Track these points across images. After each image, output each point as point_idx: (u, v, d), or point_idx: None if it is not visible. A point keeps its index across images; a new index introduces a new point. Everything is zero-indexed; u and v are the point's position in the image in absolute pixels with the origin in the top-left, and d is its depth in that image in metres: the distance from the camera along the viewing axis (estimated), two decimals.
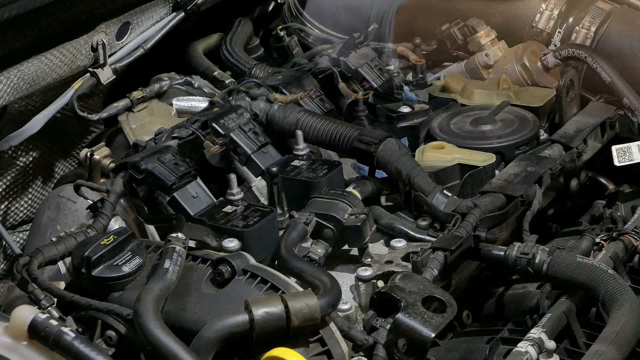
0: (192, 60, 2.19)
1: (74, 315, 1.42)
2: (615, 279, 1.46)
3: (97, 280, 1.43)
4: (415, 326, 1.36)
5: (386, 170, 1.70)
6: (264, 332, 1.30)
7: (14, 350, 1.23)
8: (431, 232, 1.62)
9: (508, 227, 1.69)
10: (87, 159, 1.76)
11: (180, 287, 1.40)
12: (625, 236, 1.67)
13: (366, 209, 1.60)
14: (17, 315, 1.24)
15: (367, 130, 1.75)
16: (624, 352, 1.37)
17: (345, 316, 1.44)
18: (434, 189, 1.65)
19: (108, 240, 1.45)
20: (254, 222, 1.52)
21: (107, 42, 1.92)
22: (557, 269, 1.51)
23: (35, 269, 1.45)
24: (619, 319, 1.39)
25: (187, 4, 2.08)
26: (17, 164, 1.97)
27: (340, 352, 1.35)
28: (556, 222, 1.87)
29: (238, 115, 1.77)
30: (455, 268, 1.60)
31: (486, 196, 1.66)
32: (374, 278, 1.51)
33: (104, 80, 1.94)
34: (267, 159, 1.72)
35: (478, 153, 1.77)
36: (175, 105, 1.97)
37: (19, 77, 1.76)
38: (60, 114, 1.94)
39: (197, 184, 1.62)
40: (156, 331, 1.27)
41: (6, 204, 1.98)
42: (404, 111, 1.90)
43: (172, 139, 1.69)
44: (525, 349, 1.36)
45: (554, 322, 1.45)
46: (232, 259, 1.42)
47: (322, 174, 1.66)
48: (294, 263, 1.44)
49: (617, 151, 1.75)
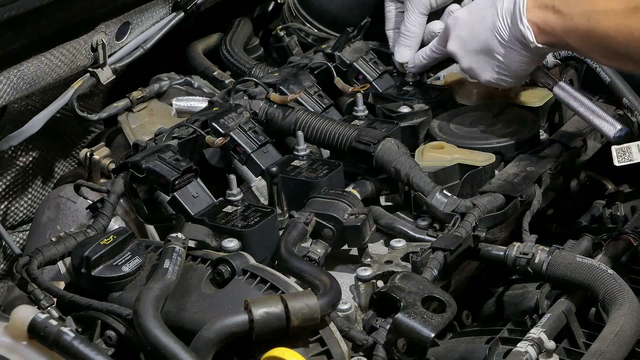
0: (191, 60, 2.19)
1: (74, 315, 1.42)
2: (615, 279, 1.46)
3: (97, 280, 1.43)
4: (415, 326, 1.36)
5: (385, 170, 1.70)
6: (263, 332, 1.30)
7: (13, 350, 1.23)
8: (431, 232, 1.62)
9: (508, 227, 1.70)
10: (86, 159, 1.76)
11: (179, 287, 1.40)
12: (625, 236, 1.68)
13: (366, 209, 1.60)
14: (17, 315, 1.24)
15: (366, 131, 1.75)
16: (623, 352, 1.37)
17: (345, 316, 1.44)
18: (434, 189, 1.65)
19: (108, 240, 1.45)
20: (255, 222, 1.52)
21: (107, 42, 1.92)
22: (557, 269, 1.51)
23: (35, 269, 1.45)
24: (619, 319, 1.39)
25: (187, 4, 2.08)
26: (17, 164, 1.97)
27: (340, 352, 1.35)
28: (556, 222, 1.87)
29: (238, 115, 1.77)
30: (455, 268, 1.60)
31: (486, 196, 1.66)
32: (374, 278, 1.51)
33: (104, 80, 1.94)
34: (267, 159, 1.73)
35: (478, 153, 1.77)
36: (175, 105, 1.97)
37: (19, 77, 1.76)
38: (60, 114, 1.94)
39: (198, 184, 1.62)
40: (156, 331, 1.27)
41: (6, 204, 1.98)
42: (404, 111, 1.89)
43: (172, 139, 1.69)
44: (525, 349, 1.36)
45: (554, 322, 1.45)
46: (232, 259, 1.42)
47: (322, 174, 1.66)
48: (294, 263, 1.44)
49: (617, 151, 1.75)
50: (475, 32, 1.77)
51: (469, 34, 1.79)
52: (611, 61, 1.68)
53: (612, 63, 1.73)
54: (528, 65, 1.75)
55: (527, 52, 1.72)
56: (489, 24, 1.74)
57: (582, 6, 1.62)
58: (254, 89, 1.88)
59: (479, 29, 1.76)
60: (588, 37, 1.62)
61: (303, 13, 2.23)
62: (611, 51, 1.61)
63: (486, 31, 1.75)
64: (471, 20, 1.79)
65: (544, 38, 1.68)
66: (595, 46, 1.63)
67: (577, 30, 1.63)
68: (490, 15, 1.74)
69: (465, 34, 1.80)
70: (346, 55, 2.01)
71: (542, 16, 1.67)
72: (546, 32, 1.67)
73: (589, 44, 1.63)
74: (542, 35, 1.68)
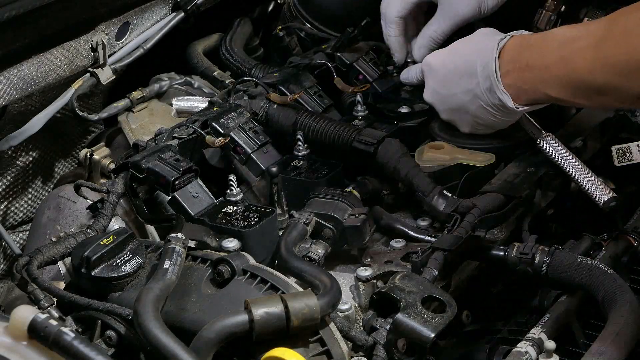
0: (191, 60, 2.19)
1: (74, 315, 1.42)
2: (615, 279, 1.46)
3: (97, 280, 1.43)
4: (415, 326, 1.36)
5: (385, 170, 1.70)
6: (263, 332, 1.30)
7: (13, 350, 1.23)
8: (431, 232, 1.62)
9: (508, 228, 1.70)
10: (86, 159, 1.76)
11: (180, 287, 1.40)
12: (625, 236, 1.68)
13: (366, 209, 1.60)
14: (17, 315, 1.24)
15: (366, 131, 1.75)
16: (623, 352, 1.37)
17: (345, 316, 1.44)
18: (434, 189, 1.65)
19: (108, 241, 1.45)
20: (255, 223, 1.52)
21: (107, 42, 1.92)
22: (557, 269, 1.51)
23: (35, 269, 1.45)
24: (619, 319, 1.39)
25: (187, 4, 2.08)
26: (17, 164, 1.97)
27: (340, 352, 1.35)
28: (556, 222, 1.87)
29: (238, 115, 1.77)
30: (455, 268, 1.60)
31: (486, 196, 1.66)
32: (374, 278, 1.51)
33: (104, 80, 1.93)
34: (267, 159, 1.73)
35: (478, 153, 1.77)
36: (175, 105, 1.97)
37: (19, 77, 1.76)
38: (60, 114, 1.94)
39: (198, 184, 1.62)
40: (156, 331, 1.27)
41: (6, 204, 1.98)
42: (404, 111, 1.89)
43: (172, 139, 1.69)
44: (525, 349, 1.36)
45: (554, 322, 1.45)
46: (232, 259, 1.42)
47: (322, 174, 1.66)
48: (294, 263, 1.44)
49: (617, 151, 1.74)
50: (452, 91, 1.76)
51: (445, 91, 1.77)
52: (594, 102, 1.67)
53: (594, 103, 1.72)
54: (509, 122, 1.75)
55: (507, 114, 1.72)
56: (465, 88, 1.72)
57: (555, 54, 1.61)
58: (254, 89, 1.88)
59: (455, 90, 1.75)
60: (567, 82, 1.61)
61: (303, 13, 2.23)
62: (593, 89, 1.59)
63: (463, 94, 1.73)
64: (446, 77, 1.77)
65: (523, 98, 1.68)
66: (576, 90, 1.61)
67: (555, 79, 1.62)
68: (467, 79, 1.72)
69: (441, 89, 1.78)
70: (346, 55, 2.01)
71: (518, 77, 1.66)
72: (525, 91, 1.67)
73: (569, 89, 1.62)
74: (521, 96, 1.68)
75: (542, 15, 2.07)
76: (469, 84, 1.72)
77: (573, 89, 1.61)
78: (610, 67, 1.54)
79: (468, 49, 1.75)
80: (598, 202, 1.70)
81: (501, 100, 1.68)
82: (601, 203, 1.69)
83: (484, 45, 1.71)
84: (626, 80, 1.54)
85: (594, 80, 1.57)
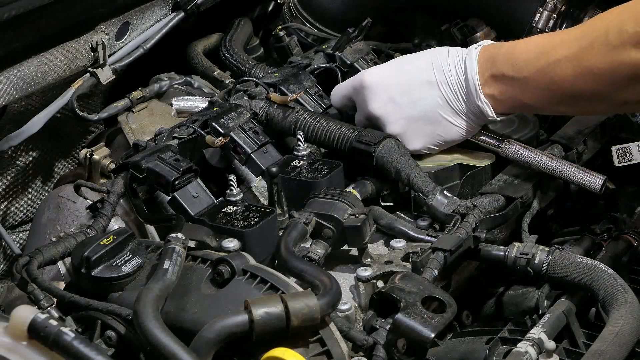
0: (191, 60, 2.19)
1: (74, 315, 1.42)
2: (615, 279, 1.46)
3: (97, 281, 1.43)
4: (415, 326, 1.36)
5: (385, 170, 1.70)
6: (263, 332, 1.30)
7: (13, 350, 1.23)
8: (431, 232, 1.62)
9: (508, 228, 1.70)
10: (86, 159, 1.76)
11: (179, 287, 1.40)
12: (625, 236, 1.68)
13: (366, 209, 1.60)
14: (17, 315, 1.24)
15: (367, 131, 1.75)
16: (623, 352, 1.37)
17: (345, 316, 1.44)
18: (434, 189, 1.65)
19: (108, 241, 1.45)
20: (255, 223, 1.52)
21: (107, 42, 1.92)
22: (557, 269, 1.51)
23: (35, 269, 1.45)
24: (619, 319, 1.39)
25: (187, 4, 2.08)
26: (17, 164, 1.97)
27: (340, 353, 1.35)
28: (556, 222, 1.87)
29: (238, 115, 1.77)
30: (455, 268, 1.60)
31: (486, 197, 1.66)
32: (374, 278, 1.51)
33: (104, 80, 1.94)
34: (267, 159, 1.72)
35: (478, 153, 1.77)
36: (175, 105, 1.97)
37: (19, 77, 1.76)
38: (60, 114, 1.94)
39: (198, 184, 1.62)
40: (156, 331, 1.27)
41: (6, 204, 1.98)
42: None
43: (172, 139, 1.69)
44: (525, 349, 1.36)
45: (554, 322, 1.45)
46: (232, 259, 1.42)
47: (322, 174, 1.66)
48: (294, 263, 1.44)
49: (617, 151, 1.75)
50: (413, 97, 1.71)
51: (405, 100, 1.72)
52: (576, 109, 1.66)
53: (577, 110, 1.71)
54: (470, 133, 1.74)
55: (479, 123, 1.71)
56: (435, 95, 1.70)
57: (534, 65, 1.60)
58: (254, 89, 1.88)
59: (418, 96, 1.71)
60: (548, 92, 1.60)
61: (303, 13, 2.23)
62: (575, 97, 1.59)
63: (431, 100, 1.70)
64: (403, 85, 1.72)
65: (503, 108, 1.67)
66: (557, 98, 1.61)
67: (535, 89, 1.61)
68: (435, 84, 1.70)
69: (399, 98, 1.72)
70: (347, 55, 2.01)
71: (497, 87, 1.65)
72: (504, 101, 1.66)
73: (550, 98, 1.61)
74: (500, 106, 1.67)
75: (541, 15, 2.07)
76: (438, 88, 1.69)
77: (554, 97, 1.61)
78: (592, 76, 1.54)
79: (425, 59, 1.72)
80: (594, 188, 1.69)
81: (481, 109, 1.68)
82: (597, 188, 1.68)
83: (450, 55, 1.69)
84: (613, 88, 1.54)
85: (577, 88, 1.57)
